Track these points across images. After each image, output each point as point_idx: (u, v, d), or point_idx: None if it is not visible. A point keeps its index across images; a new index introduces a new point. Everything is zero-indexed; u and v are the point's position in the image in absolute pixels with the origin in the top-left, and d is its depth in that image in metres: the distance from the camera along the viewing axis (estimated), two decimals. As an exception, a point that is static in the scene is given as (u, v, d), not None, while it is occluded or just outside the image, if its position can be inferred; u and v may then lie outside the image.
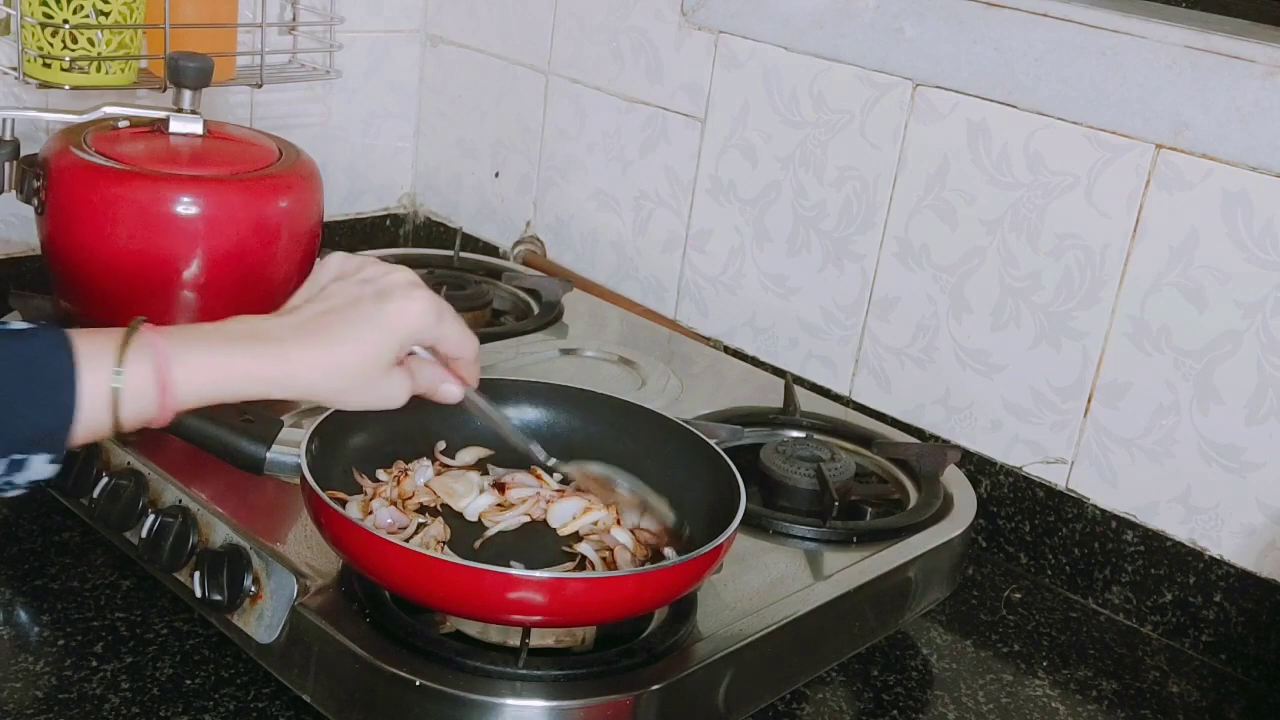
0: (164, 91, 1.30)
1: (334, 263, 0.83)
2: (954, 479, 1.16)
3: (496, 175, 1.68)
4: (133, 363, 0.70)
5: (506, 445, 0.94)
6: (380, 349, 0.78)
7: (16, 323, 0.72)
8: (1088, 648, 1.13)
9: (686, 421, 1.03)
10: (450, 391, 0.85)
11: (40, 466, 0.68)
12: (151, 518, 0.97)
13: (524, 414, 1.04)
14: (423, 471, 0.98)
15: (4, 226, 1.40)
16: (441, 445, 1.02)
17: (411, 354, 0.82)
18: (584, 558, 0.93)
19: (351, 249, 1.53)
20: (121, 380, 0.69)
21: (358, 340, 0.77)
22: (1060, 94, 1.16)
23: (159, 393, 0.71)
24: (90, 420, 0.69)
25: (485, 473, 1.01)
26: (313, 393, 0.77)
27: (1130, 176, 1.13)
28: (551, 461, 0.94)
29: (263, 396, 0.75)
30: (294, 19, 1.55)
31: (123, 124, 1.17)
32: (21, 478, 0.68)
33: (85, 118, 1.16)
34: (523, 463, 0.98)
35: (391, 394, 0.80)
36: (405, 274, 0.82)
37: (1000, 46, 1.19)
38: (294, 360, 0.75)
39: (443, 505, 0.96)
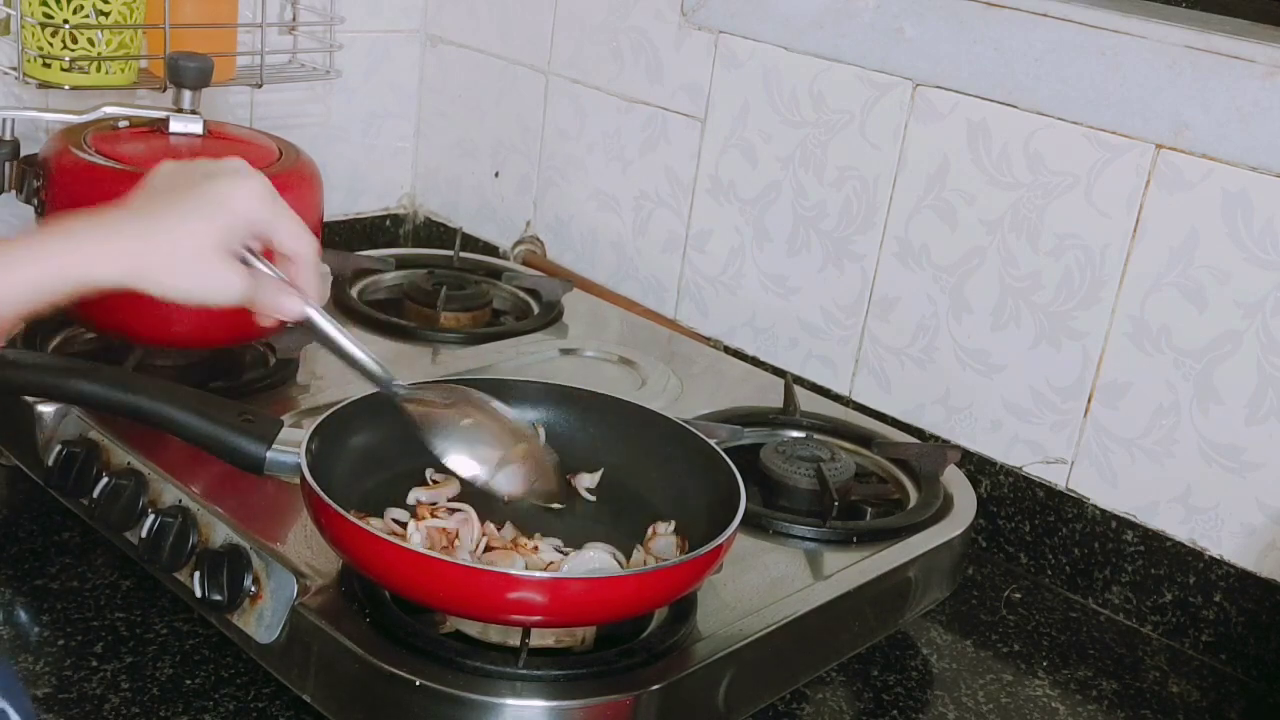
0: (164, 91, 1.30)
1: (167, 164, 0.79)
2: (954, 479, 1.16)
3: (496, 175, 1.68)
4: None
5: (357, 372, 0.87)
6: (209, 226, 0.74)
7: None
8: (1088, 648, 1.13)
9: (686, 421, 1.03)
10: (291, 306, 0.79)
11: None
12: (151, 518, 0.97)
13: (524, 414, 1.04)
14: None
15: (4, 226, 1.40)
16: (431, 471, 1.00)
17: (248, 264, 0.77)
18: None
19: (351, 249, 1.53)
20: None
21: (184, 216, 0.74)
22: (1060, 94, 1.16)
23: None
24: None
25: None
26: (138, 275, 0.72)
27: (1130, 176, 1.13)
28: (405, 390, 0.88)
29: (91, 286, 0.71)
30: (294, 19, 1.55)
31: (123, 124, 1.17)
32: None
33: (85, 118, 1.16)
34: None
35: (224, 285, 0.76)
36: (238, 160, 0.78)
37: (1000, 46, 1.19)
38: (116, 242, 0.72)
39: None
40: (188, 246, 0.73)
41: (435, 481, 0.98)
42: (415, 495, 0.96)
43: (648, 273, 1.52)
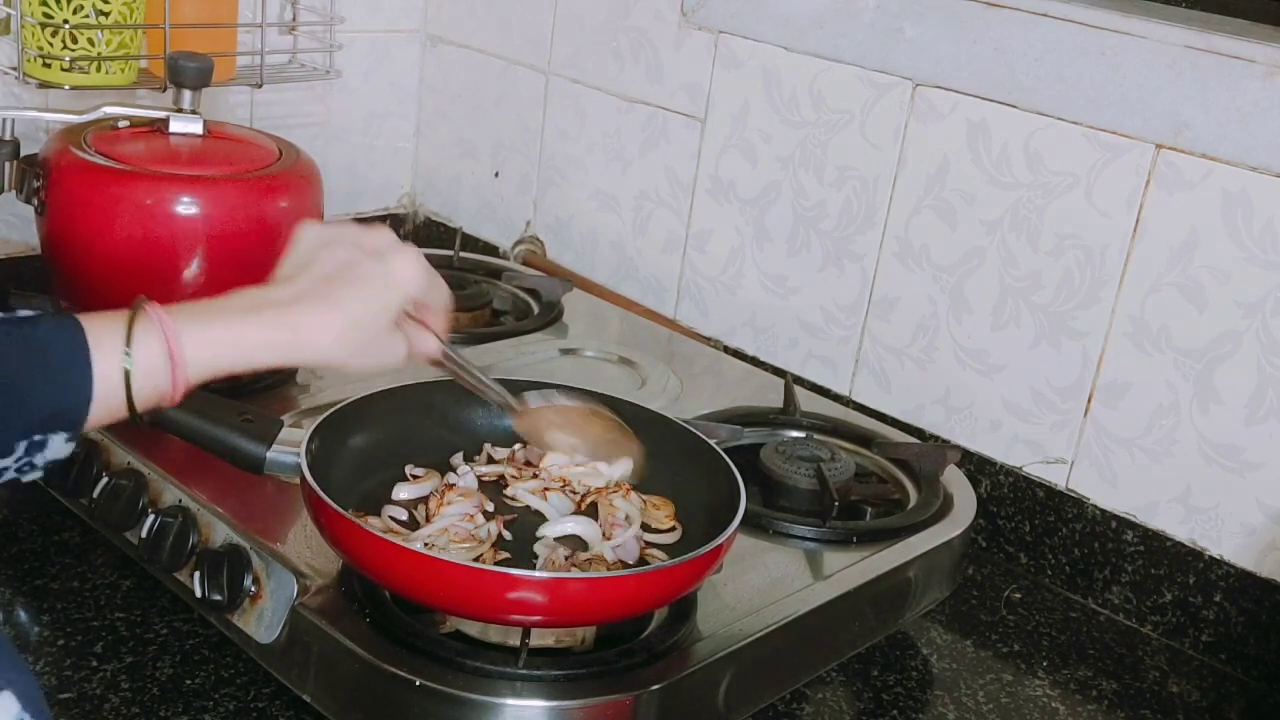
0: (164, 91, 1.30)
1: (313, 231, 0.82)
2: (954, 479, 1.16)
3: (496, 175, 1.68)
4: (140, 341, 0.71)
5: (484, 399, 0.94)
6: (385, 307, 0.79)
7: (25, 310, 0.73)
8: (1088, 648, 1.13)
9: (686, 421, 1.03)
10: (428, 345, 0.85)
11: (58, 446, 0.69)
12: (151, 518, 0.97)
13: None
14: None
15: (4, 226, 1.40)
16: (455, 467, 1.01)
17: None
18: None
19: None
20: (131, 361, 0.70)
21: (363, 301, 0.78)
22: (1060, 94, 1.16)
23: (169, 368, 0.71)
24: (106, 400, 0.69)
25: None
26: (321, 356, 0.77)
27: (1130, 176, 1.13)
28: (527, 407, 0.95)
29: (272, 365, 0.75)
30: (294, 19, 1.55)
31: (123, 124, 1.17)
32: (41, 458, 0.69)
33: (85, 118, 1.16)
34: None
35: (394, 353, 0.81)
36: (388, 233, 0.82)
37: (1000, 46, 1.19)
38: (302, 325, 0.76)
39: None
40: (373, 327, 0.79)
41: (415, 477, 0.98)
42: (399, 491, 0.96)
43: (648, 273, 1.52)
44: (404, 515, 0.94)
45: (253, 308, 0.76)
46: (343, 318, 0.77)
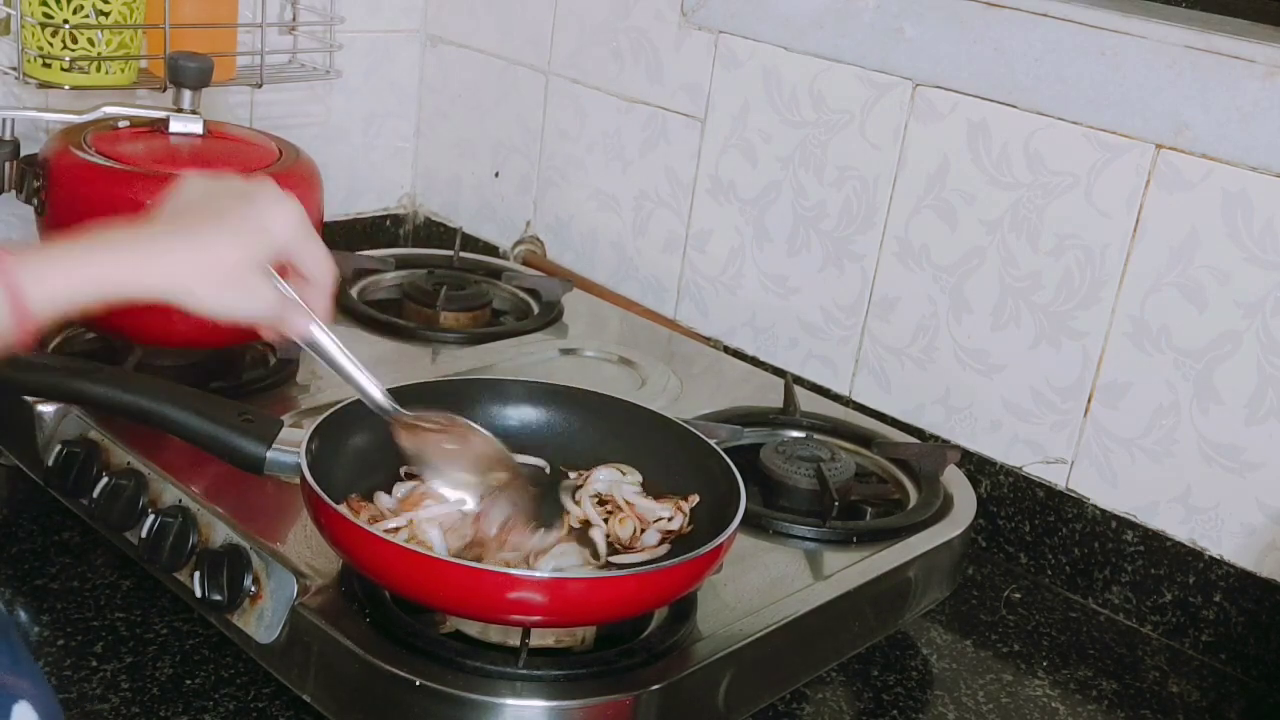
0: (164, 91, 1.30)
1: (194, 181, 0.81)
2: (954, 479, 1.16)
3: (496, 175, 1.68)
4: None
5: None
6: (246, 249, 0.77)
7: None
8: (1088, 648, 1.13)
9: (686, 421, 1.03)
10: (298, 323, 0.82)
11: None
12: (151, 518, 0.97)
13: (524, 414, 1.04)
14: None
15: (4, 226, 1.40)
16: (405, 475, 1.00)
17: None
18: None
19: (352, 249, 1.53)
20: None
21: (220, 238, 0.76)
22: (1060, 94, 1.16)
23: (13, 308, 0.69)
24: None
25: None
26: (181, 289, 0.75)
27: (1130, 176, 1.13)
28: (401, 413, 0.90)
29: (129, 298, 0.73)
30: (294, 19, 1.55)
31: (123, 124, 1.17)
32: None
33: (85, 118, 1.16)
34: None
35: (255, 301, 0.79)
36: (270, 184, 0.81)
37: (1000, 46, 1.19)
38: (160, 257, 0.74)
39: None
40: (228, 264, 0.76)
41: (410, 476, 0.98)
42: (398, 491, 0.96)
43: (648, 273, 1.52)
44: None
45: (108, 242, 0.74)
46: (197, 251, 0.75)
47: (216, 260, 0.76)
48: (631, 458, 1.01)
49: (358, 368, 0.88)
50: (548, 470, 1.01)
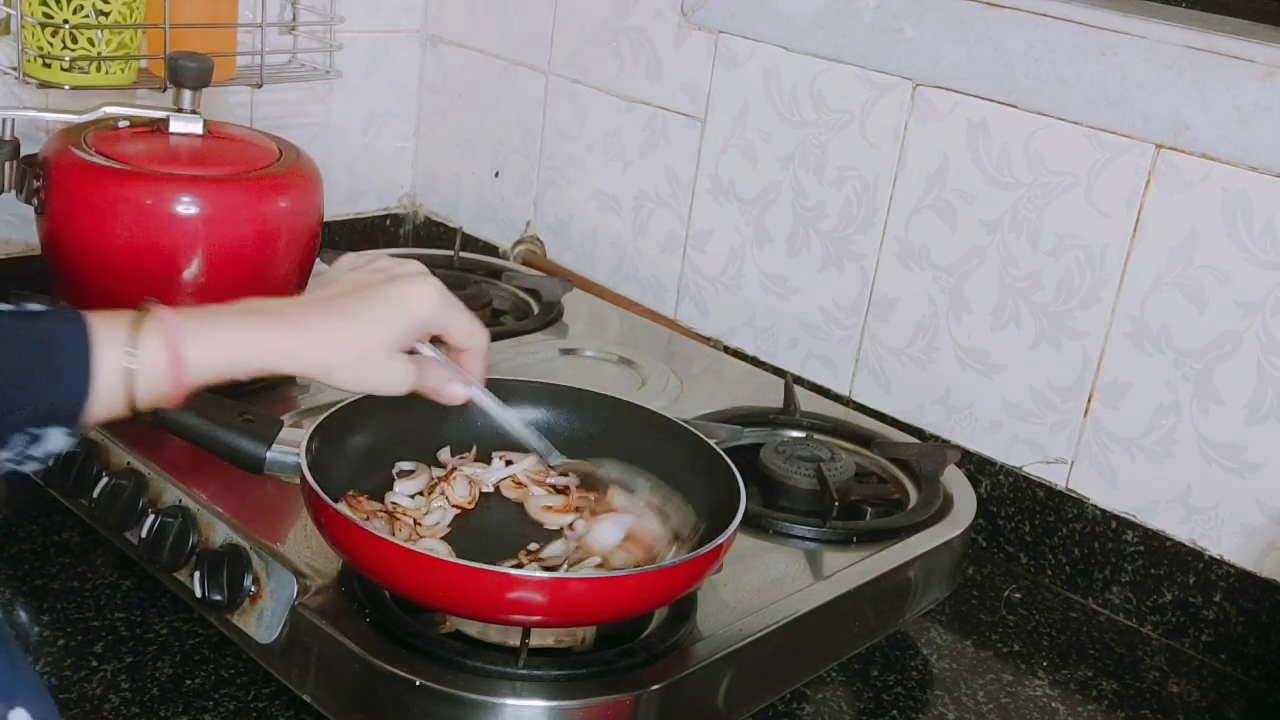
0: (164, 91, 1.30)
1: (347, 258, 0.85)
2: (954, 479, 1.16)
3: (496, 175, 1.68)
4: (146, 340, 0.71)
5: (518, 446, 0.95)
6: (389, 328, 0.80)
7: (34, 304, 0.73)
8: (1088, 648, 1.13)
9: (686, 421, 1.03)
10: (456, 391, 0.85)
11: (56, 439, 0.69)
12: (151, 518, 0.97)
13: (525, 414, 1.03)
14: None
15: (4, 226, 1.40)
16: (445, 453, 1.01)
17: (416, 352, 0.83)
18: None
19: (352, 249, 1.53)
20: (135, 361, 0.70)
21: (367, 318, 0.79)
22: (1060, 94, 1.16)
23: (171, 368, 0.72)
24: (106, 397, 0.70)
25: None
26: (320, 367, 0.78)
27: (1130, 176, 1.13)
28: (561, 461, 0.95)
29: (272, 371, 0.76)
30: (294, 19, 1.55)
31: (123, 124, 1.17)
32: (39, 449, 0.69)
33: (85, 118, 1.16)
34: None
35: (395, 379, 0.81)
36: (416, 264, 0.83)
37: (1000, 46, 1.19)
38: (304, 335, 0.77)
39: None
40: (368, 346, 0.79)
41: (407, 473, 0.98)
42: (399, 491, 0.96)
43: (648, 273, 1.52)
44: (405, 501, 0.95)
45: (259, 313, 0.77)
46: (343, 332, 0.78)
47: (355, 342, 0.78)
48: (631, 458, 1.01)
49: (520, 423, 0.93)
50: (550, 462, 1.00)
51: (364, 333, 0.79)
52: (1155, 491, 1.16)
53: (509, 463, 1.01)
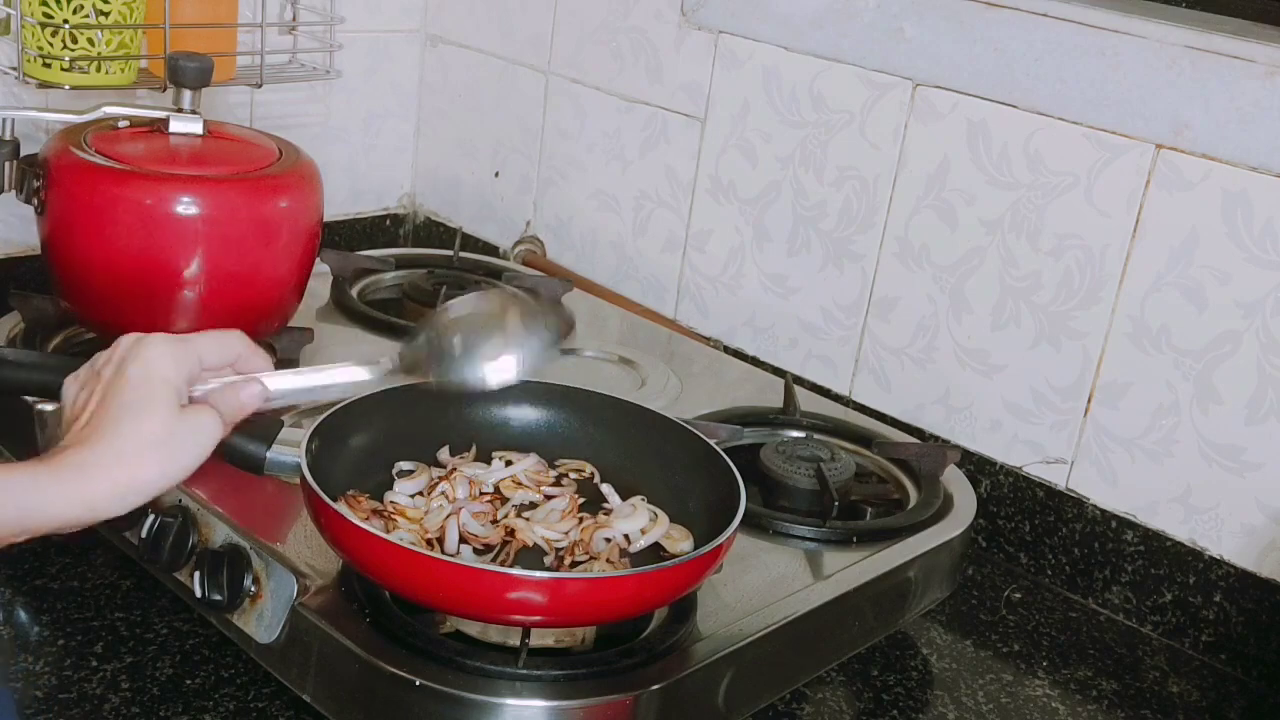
0: (164, 91, 1.30)
1: (67, 388, 0.80)
2: (954, 479, 1.16)
3: (496, 175, 1.68)
4: None
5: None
6: (156, 400, 0.75)
7: None
8: (1088, 648, 1.13)
9: (686, 421, 1.03)
10: (252, 393, 0.81)
11: None
12: (151, 518, 0.97)
13: (524, 414, 1.04)
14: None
15: (4, 226, 1.40)
16: (444, 453, 1.01)
17: (191, 401, 0.79)
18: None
19: (351, 249, 1.53)
20: None
21: (132, 412, 0.74)
22: (1060, 94, 1.16)
23: None
24: None
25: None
26: (115, 487, 0.73)
27: (1130, 176, 1.13)
28: (394, 363, 0.87)
29: (56, 529, 0.72)
30: (294, 19, 1.55)
31: (123, 124, 1.17)
32: None
33: (85, 118, 1.16)
34: None
35: (203, 430, 0.77)
36: (128, 338, 0.79)
37: (1000, 46, 1.19)
38: (76, 476, 0.72)
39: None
40: (147, 434, 0.74)
41: (407, 473, 0.98)
42: (399, 491, 0.96)
43: (648, 273, 1.52)
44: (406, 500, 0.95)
45: (19, 470, 0.71)
46: (123, 438, 0.73)
47: (142, 434, 0.74)
48: (632, 458, 1.01)
49: (328, 374, 0.87)
50: (550, 469, 1.01)
51: (138, 423, 0.74)
52: (1155, 491, 1.16)
53: (509, 463, 1.01)
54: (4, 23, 1.31)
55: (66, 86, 1.28)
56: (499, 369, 0.87)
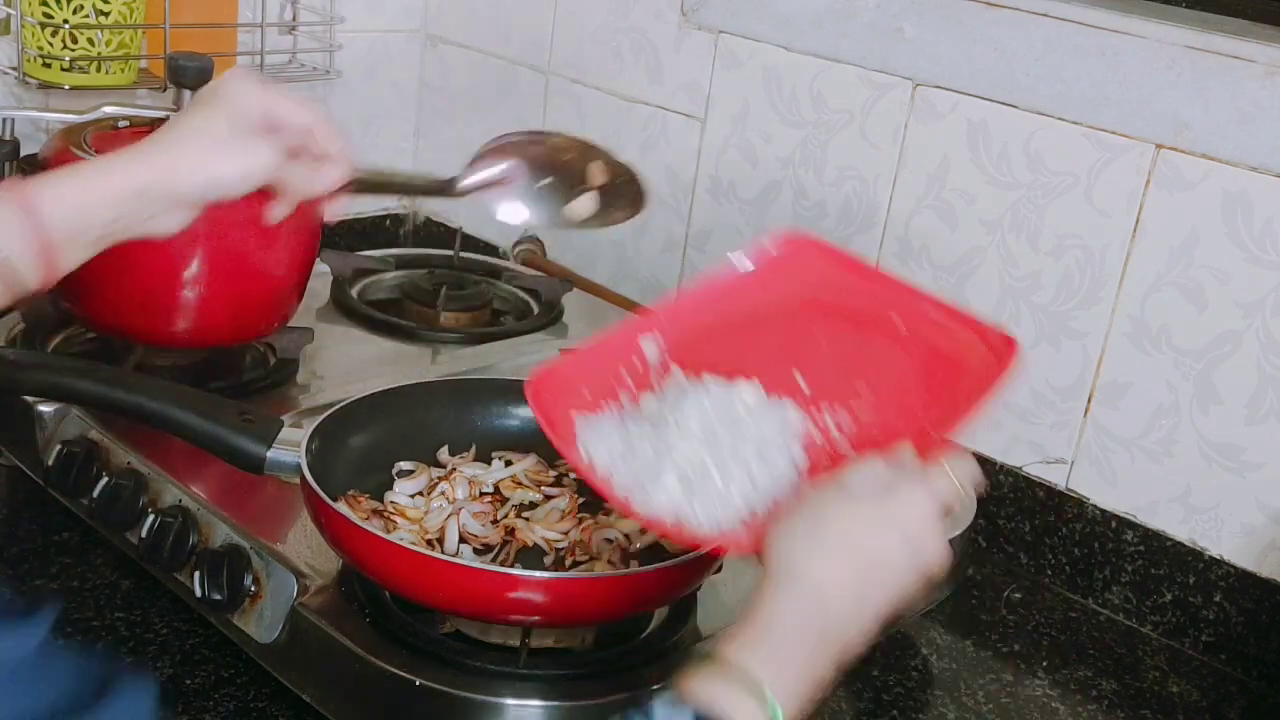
0: (164, 91, 1.30)
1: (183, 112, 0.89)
2: (954, 479, 1.15)
3: (496, 175, 1.68)
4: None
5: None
6: (213, 116, 0.81)
7: None
8: (1088, 648, 1.13)
9: (686, 421, 1.03)
10: (329, 172, 0.86)
11: None
12: (151, 518, 0.97)
13: (524, 414, 1.03)
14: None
15: (4, 226, 1.40)
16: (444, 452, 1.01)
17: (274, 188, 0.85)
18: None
19: (351, 249, 1.53)
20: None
21: (196, 120, 0.82)
22: (1060, 94, 1.16)
23: (30, 228, 0.72)
24: None
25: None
26: (171, 169, 0.79)
27: (1130, 176, 1.13)
28: (467, 180, 0.93)
29: (133, 210, 0.78)
30: (294, 19, 1.55)
31: (123, 124, 1.17)
32: None
33: (85, 118, 1.16)
34: None
35: (254, 157, 0.82)
36: (231, 70, 0.87)
37: (1000, 46, 1.19)
38: (155, 157, 0.80)
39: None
40: (206, 135, 0.81)
41: (407, 473, 0.98)
42: (399, 491, 0.96)
43: (648, 273, 1.52)
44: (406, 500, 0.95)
45: (106, 157, 0.79)
46: (185, 137, 0.80)
47: (194, 133, 0.80)
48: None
49: (407, 174, 0.92)
50: (550, 469, 1.01)
51: (194, 127, 0.81)
52: (1155, 491, 1.16)
53: (509, 463, 1.01)
54: (4, 23, 1.31)
55: (66, 86, 1.29)
56: (576, 208, 0.93)
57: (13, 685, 0.56)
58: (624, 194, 0.88)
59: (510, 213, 0.88)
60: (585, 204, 0.87)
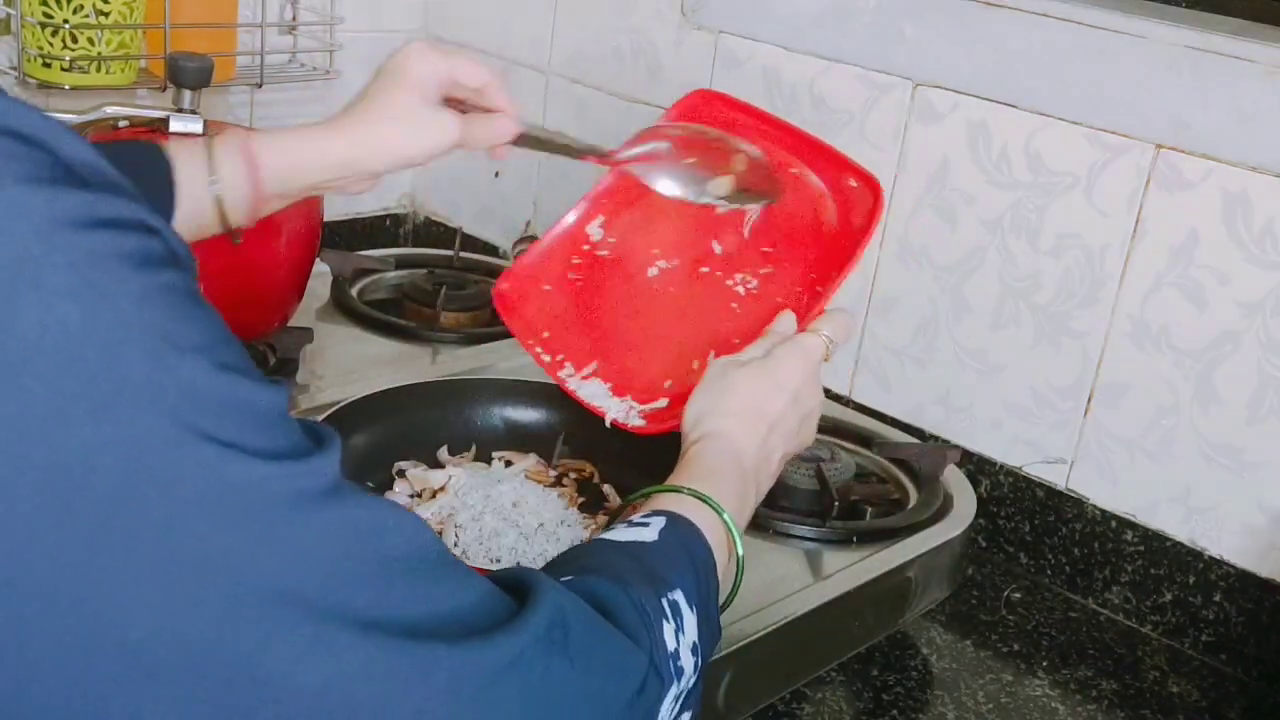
0: (164, 91, 1.30)
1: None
2: (954, 479, 1.16)
3: (496, 175, 1.68)
4: (222, 157, 0.79)
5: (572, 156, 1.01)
6: (398, 90, 0.85)
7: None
8: (1088, 648, 1.13)
9: (686, 421, 1.03)
10: (502, 125, 0.92)
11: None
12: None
13: (524, 414, 1.04)
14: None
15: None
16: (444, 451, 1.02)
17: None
18: None
19: (351, 249, 1.53)
20: (218, 181, 0.80)
21: (382, 86, 0.86)
22: (1060, 94, 1.16)
23: (248, 174, 0.79)
24: (193, 215, 0.80)
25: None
26: (374, 138, 0.85)
27: (1130, 176, 1.13)
28: (624, 154, 0.99)
29: (337, 166, 0.84)
30: (294, 19, 1.55)
31: (123, 124, 1.17)
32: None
33: (85, 118, 1.16)
34: None
35: (442, 127, 0.87)
36: (415, 44, 0.89)
37: (1000, 46, 1.19)
38: (344, 122, 0.85)
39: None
40: (395, 112, 0.85)
41: (405, 472, 0.98)
42: (399, 491, 0.96)
43: (648, 273, 1.52)
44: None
45: (312, 127, 0.85)
46: (371, 103, 0.85)
47: (393, 112, 0.85)
48: (632, 457, 1.00)
49: (570, 137, 1.00)
50: (550, 469, 1.01)
51: (389, 97, 0.85)
52: (1155, 491, 1.16)
53: (509, 463, 1.01)
54: (4, 23, 1.31)
55: (66, 86, 1.29)
56: (712, 187, 0.98)
57: None
58: (761, 180, 1.00)
59: (662, 185, 0.98)
60: (723, 185, 0.98)
